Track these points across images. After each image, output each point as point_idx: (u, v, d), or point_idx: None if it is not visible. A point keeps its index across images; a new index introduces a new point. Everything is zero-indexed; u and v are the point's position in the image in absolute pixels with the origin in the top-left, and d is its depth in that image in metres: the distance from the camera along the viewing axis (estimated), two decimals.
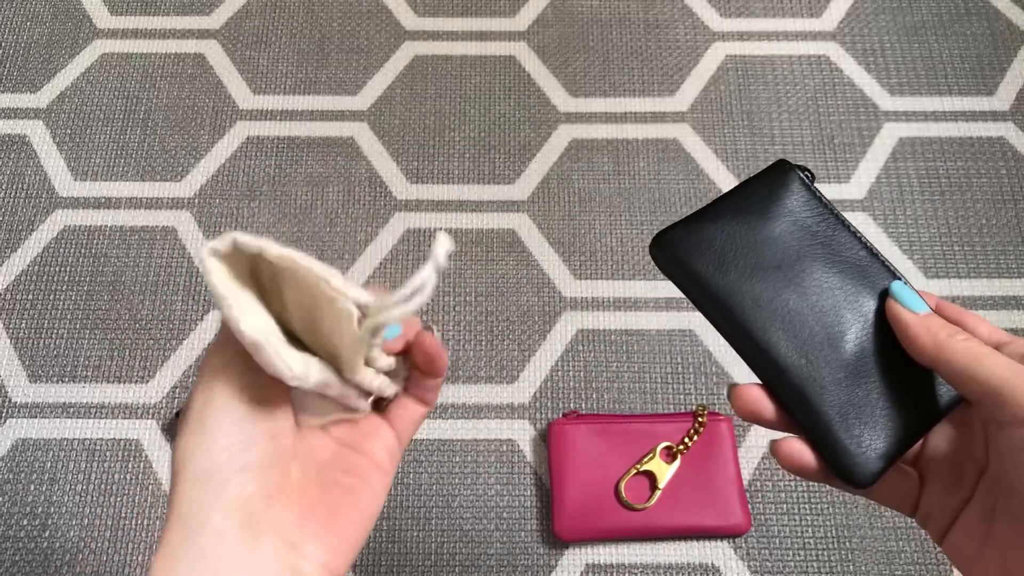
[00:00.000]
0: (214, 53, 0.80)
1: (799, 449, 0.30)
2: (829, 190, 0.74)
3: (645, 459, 0.62)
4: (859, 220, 0.73)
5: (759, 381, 0.31)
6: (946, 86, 0.78)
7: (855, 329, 0.31)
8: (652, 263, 0.72)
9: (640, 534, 0.61)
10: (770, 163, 0.35)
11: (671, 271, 0.32)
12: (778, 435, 0.61)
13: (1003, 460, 0.28)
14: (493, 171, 0.75)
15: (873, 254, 0.32)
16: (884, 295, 0.32)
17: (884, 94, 0.78)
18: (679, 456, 0.62)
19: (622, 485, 0.61)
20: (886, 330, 0.31)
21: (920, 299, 0.31)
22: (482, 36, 0.81)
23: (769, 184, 0.33)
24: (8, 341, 0.69)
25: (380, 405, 0.32)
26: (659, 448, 0.62)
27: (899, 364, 0.31)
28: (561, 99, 0.78)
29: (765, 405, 0.31)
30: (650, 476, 0.62)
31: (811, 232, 0.33)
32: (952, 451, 0.31)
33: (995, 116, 0.77)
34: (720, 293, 0.32)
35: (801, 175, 0.33)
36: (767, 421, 0.31)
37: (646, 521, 0.61)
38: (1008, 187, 0.74)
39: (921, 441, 0.32)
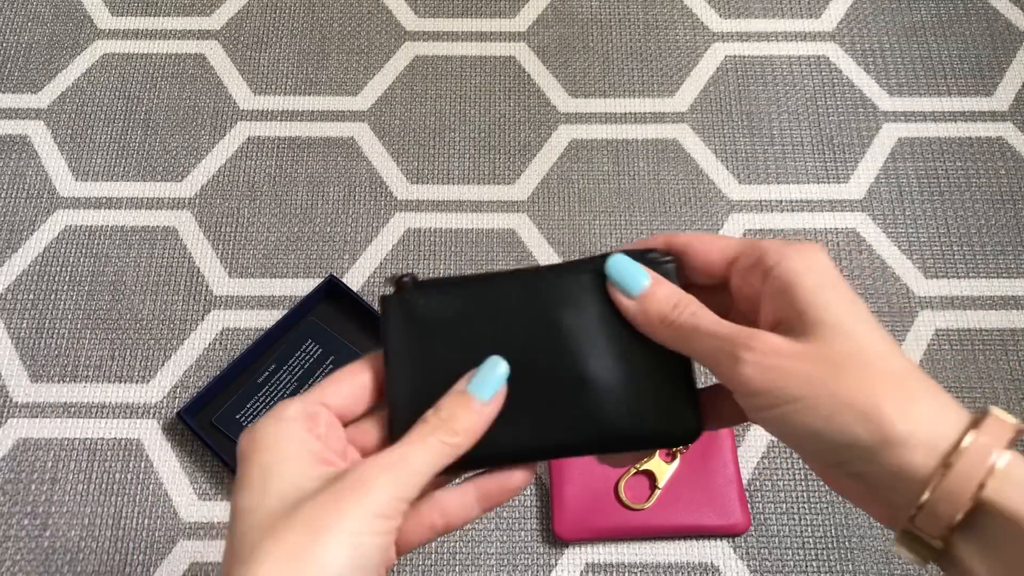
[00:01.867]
0: (215, 54, 0.80)
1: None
2: (828, 190, 0.74)
3: (644, 459, 0.62)
4: (858, 220, 0.73)
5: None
6: (945, 87, 0.79)
7: (578, 340, 0.31)
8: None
9: (640, 534, 0.61)
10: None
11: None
12: None
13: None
14: (493, 171, 0.75)
15: (534, 274, 0.32)
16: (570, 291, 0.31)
17: (883, 94, 0.78)
18: (678, 456, 0.62)
19: (621, 485, 0.61)
20: (597, 315, 0.31)
21: (638, 274, 0.30)
22: (482, 37, 0.81)
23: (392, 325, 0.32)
24: (9, 341, 0.69)
25: None
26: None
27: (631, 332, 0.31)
28: (561, 100, 0.78)
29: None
30: (649, 476, 0.62)
31: (463, 320, 0.32)
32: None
33: (994, 116, 0.77)
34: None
35: (404, 294, 0.32)
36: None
37: (646, 521, 0.61)
38: (1007, 187, 0.74)
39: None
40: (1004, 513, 0.23)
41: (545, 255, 0.72)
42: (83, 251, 0.72)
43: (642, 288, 0.30)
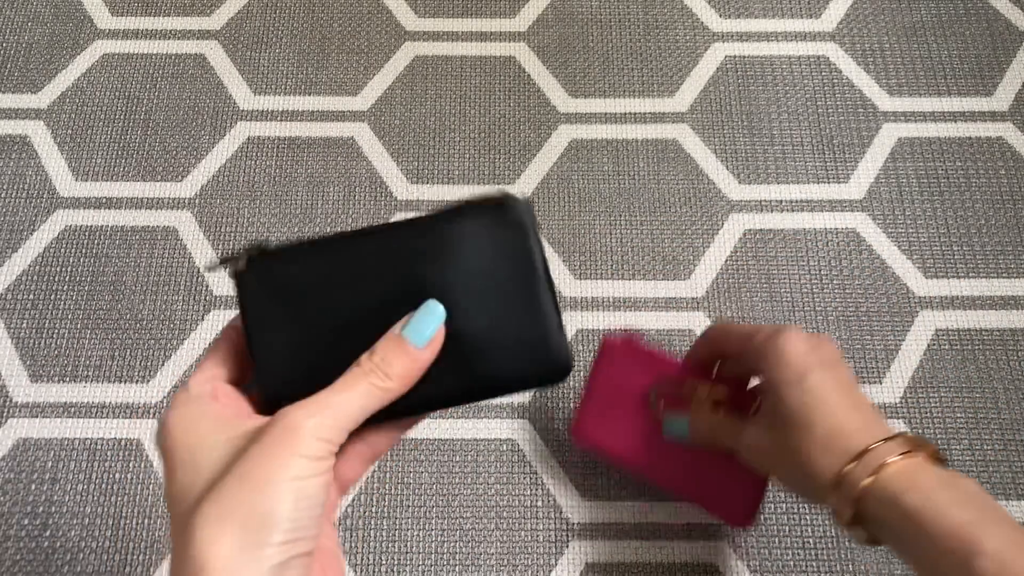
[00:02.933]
0: (215, 54, 0.80)
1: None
2: (828, 190, 0.74)
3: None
4: (858, 220, 0.73)
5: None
6: (945, 87, 0.79)
7: (443, 291, 0.31)
8: (652, 262, 0.72)
9: (647, 473, 0.58)
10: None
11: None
12: None
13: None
14: (493, 171, 0.75)
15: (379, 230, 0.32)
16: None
17: (883, 94, 0.78)
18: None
19: (655, 393, 0.58)
20: (457, 267, 0.32)
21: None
22: (482, 37, 0.81)
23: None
24: (9, 341, 0.69)
25: None
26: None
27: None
28: (561, 100, 0.78)
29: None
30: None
31: (332, 283, 0.31)
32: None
33: (994, 116, 0.77)
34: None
35: (257, 263, 0.31)
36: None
37: (659, 462, 0.57)
38: (1007, 187, 0.74)
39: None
40: (886, 490, 0.39)
41: (546, 254, 0.72)
42: (83, 251, 0.72)
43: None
